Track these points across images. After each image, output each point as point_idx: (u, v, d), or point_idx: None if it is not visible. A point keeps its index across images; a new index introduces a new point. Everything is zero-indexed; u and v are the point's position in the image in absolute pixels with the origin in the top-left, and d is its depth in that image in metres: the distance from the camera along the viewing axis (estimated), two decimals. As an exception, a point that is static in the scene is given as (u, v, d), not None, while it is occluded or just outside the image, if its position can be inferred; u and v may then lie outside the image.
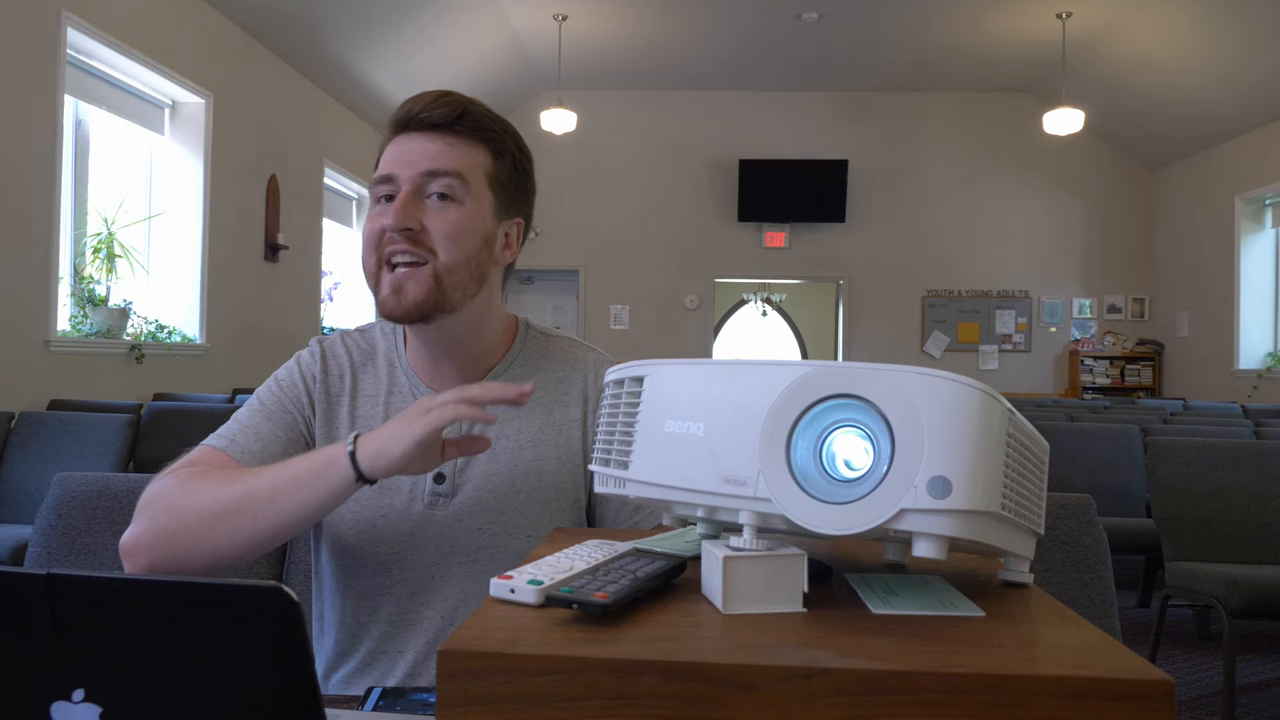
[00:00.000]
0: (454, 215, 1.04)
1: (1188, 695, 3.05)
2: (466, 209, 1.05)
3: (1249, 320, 7.83)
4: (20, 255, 4.23)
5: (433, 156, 1.04)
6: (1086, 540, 1.24)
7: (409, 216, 1.02)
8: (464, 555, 1.07)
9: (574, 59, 8.48)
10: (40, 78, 4.35)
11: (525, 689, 0.48)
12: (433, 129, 1.06)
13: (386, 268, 1.04)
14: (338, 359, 1.15)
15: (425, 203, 1.04)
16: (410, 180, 1.04)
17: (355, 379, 1.14)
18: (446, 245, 1.03)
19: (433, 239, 1.03)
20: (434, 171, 1.04)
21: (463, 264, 1.04)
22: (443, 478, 1.08)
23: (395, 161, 1.05)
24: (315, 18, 6.37)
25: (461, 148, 1.06)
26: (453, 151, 1.05)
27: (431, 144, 1.05)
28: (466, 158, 1.06)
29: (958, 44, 8.17)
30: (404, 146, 1.06)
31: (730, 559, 0.57)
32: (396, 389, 1.13)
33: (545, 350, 1.17)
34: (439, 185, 1.04)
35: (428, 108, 1.05)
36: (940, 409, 0.53)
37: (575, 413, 1.13)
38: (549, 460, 1.10)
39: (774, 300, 12.92)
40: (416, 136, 1.06)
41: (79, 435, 3.39)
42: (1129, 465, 4.08)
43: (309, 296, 7.34)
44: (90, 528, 1.28)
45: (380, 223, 1.04)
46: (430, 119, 1.05)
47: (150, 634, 0.49)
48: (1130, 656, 0.50)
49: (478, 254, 1.06)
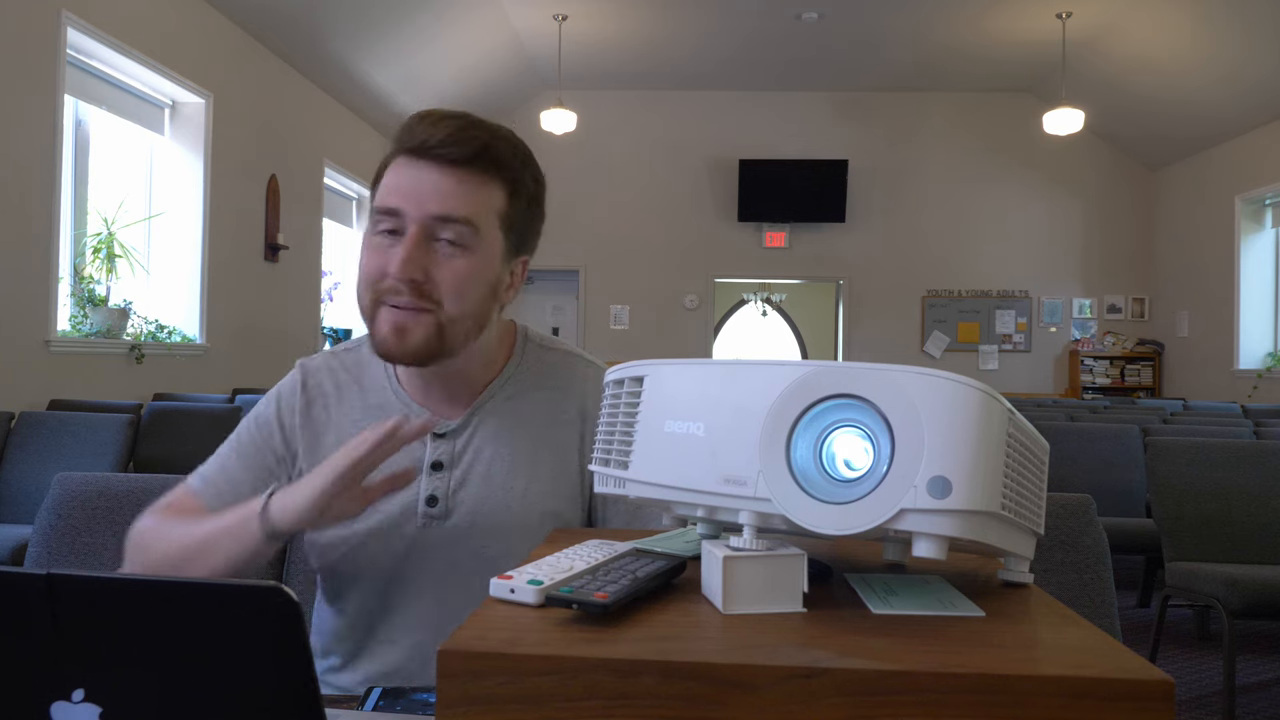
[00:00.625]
0: (463, 266, 0.98)
1: (1188, 695, 3.05)
2: (476, 258, 0.99)
3: (1249, 320, 7.83)
4: (20, 255, 4.23)
5: (444, 198, 0.96)
6: (1086, 540, 1.24)
7: (415, 267, 0.96)
8: (458, 579, 1.04)
9: (574, 59, 8.48)
10: (40, 78, 4.35)
11: (525, 689, 0.48)
12: (447, 165, 0.97)
13: (386, 305, 0.98)
14: (321, 385, 1.11)
15: (433, 247, 0.97)
16: (418, 221, 0.96)
17: (342, 403, 1.11)
18: (453, 297, 0.98)
19: (439, 289, 0.97)
20: (446, 217, 0.97)
21: (468, 315, 1.00)
22: (435, 500, 1.05)
23: (402, 195, 0.97)
24: (315, 18, 6.37)
25: (475, 186, 0.98)
26: (466, 192, 0.97)
27: (444, 181, 0.97)
28: (481, 200, 0.99)
29: (958, 44, 8.17)
30: (413, 176, 0.97)
31: (730, 559, 0.57)
32: (387, 410, 1.09)
33: (542, 365, 1.13)
34: (449, 232, 0.97)
35: (445, 142, 0.96)
36: (940, 409, 0.53)
37: (572, 433, 1.09)
38: (544, 482, 1.07)
39: (774, 300, 12.92)
40: (428, 168, 0.97)
41: (79, 435, 3.39)
42: (1129, 465, 4.08)
43: (309, 296, 7.34)
44: (90, 528, 1.28)
45: (382, 264, 0.97)
46: (446, 155, 0.97)
47: (150, 634, 0.49)
48: (1130, 656, 0.50)
49: (483, 302, 1.02)
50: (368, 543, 1.05)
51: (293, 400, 1.11)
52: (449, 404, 1.09)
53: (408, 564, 1.05)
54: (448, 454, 1.06)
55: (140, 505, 1.31)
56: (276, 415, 1.11)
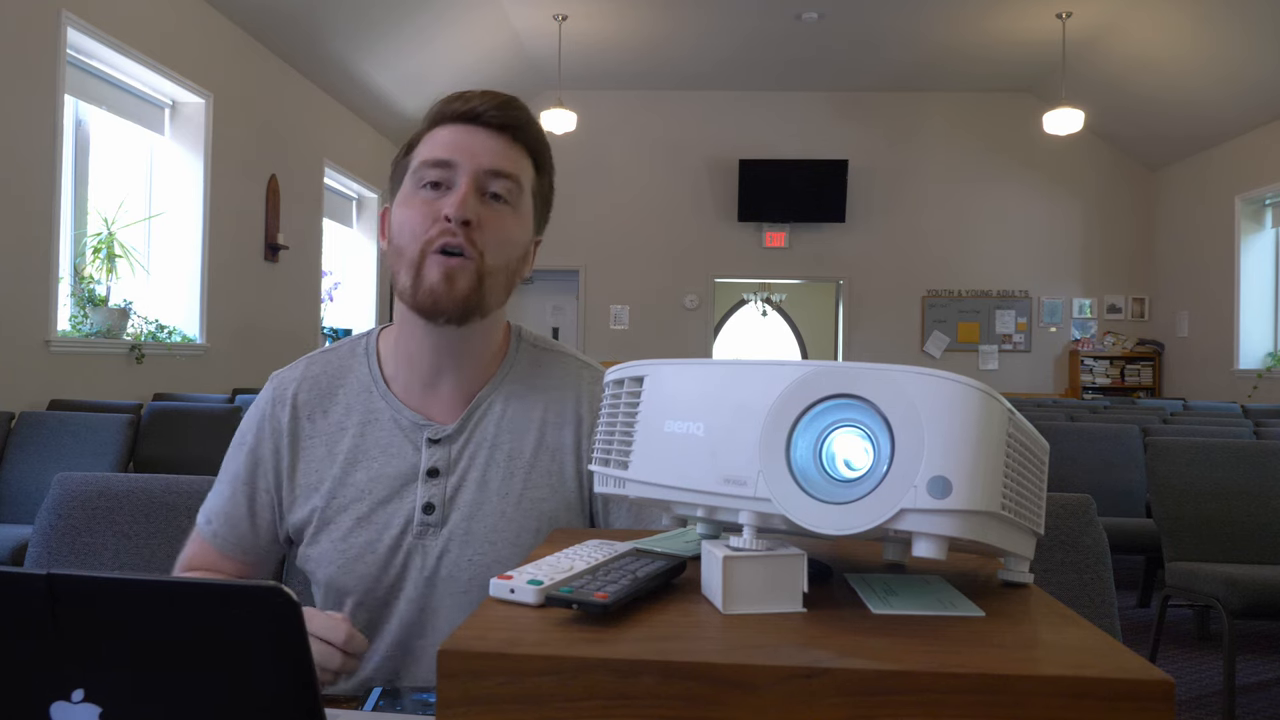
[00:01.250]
0: (508, 219, 1.03)
1: (1188, 695, 3.05)
2: (518, 216, 1.04)
3: (1249, 320, 7.83)
4: (20, 255, 4.23)
5: (496, 155, 1.02)
6: (1086, 540, 1.24)
7: (471, 208, 0.99)
8: (456, 586, 1.03)
9: (574, 59, 8.49)
10: (40, 78, 4.35)
11: (525, 689, 0.48)
12: (497, 130, 1.03)
13: (436, 253, 1.00)
14: (299, 397, 1.10)
15: (481, 200, 1.02)
16: (472, 173, 1.01)
17: (327, 414, 1.09)
18: (495, 247, 1.01)
19: (485, 237, 1.00)
20: (497, 171, 1.02)
21: (503, 269, 1.03)
22: (432, 507, 1.04)
23: (456, 149, 1.02)
24: (315, 18, 6.37)
25: (518, 154, 1.05)
26: (514, 156, 1.04)
27: (494, 142, 1.03)
28: (522, 166, 1.05)
29: (958, 44, 8.17)
30: (465, 138, 1.03)
31: (730, 559, 0.57)
32: (374, 418, 1.07)
33: (538, 366, 1.12)
34: (499, 186, 1.02)
35: (495, 107, 1.03)
36: (940, 409, 0.53)
37: (568, 436, 1.08)
38: (541, 488, 1.06)
39: (774, 300, 12.92)
40: (478, 131, 1.03)
41: (79, 435, 3.39)
42: (1129, 465, 4.08)
43: (309, 296, 7.34)
44: (90, 528, 1.28)
45: (432, 212, 1.00)
46: (496, 119, 1.03)
47: (150, 634, 0.49)
48: (1130, 656, 0.50)
49: (515, 264, 1.06)
50: (364, 555, 1.04)
51: (276, 421, 1.09)
52: (443, 408, 1.08)
53: (406, 571, 1.04)
54: (443, 460, 1.05)
55: (140, 505, 1.31)
56: (257, 439, 1.10)
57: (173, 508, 1.31)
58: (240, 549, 1.10)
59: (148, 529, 1.30)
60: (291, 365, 1.14)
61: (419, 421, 1.06)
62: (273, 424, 1.09)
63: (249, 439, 1.10)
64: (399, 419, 1.07)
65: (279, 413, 1.09)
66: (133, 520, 1.30)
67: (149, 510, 1.31)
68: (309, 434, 1.08)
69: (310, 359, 1.13)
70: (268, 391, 1.11)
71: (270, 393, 1.11)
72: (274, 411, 1.09)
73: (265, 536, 1.10)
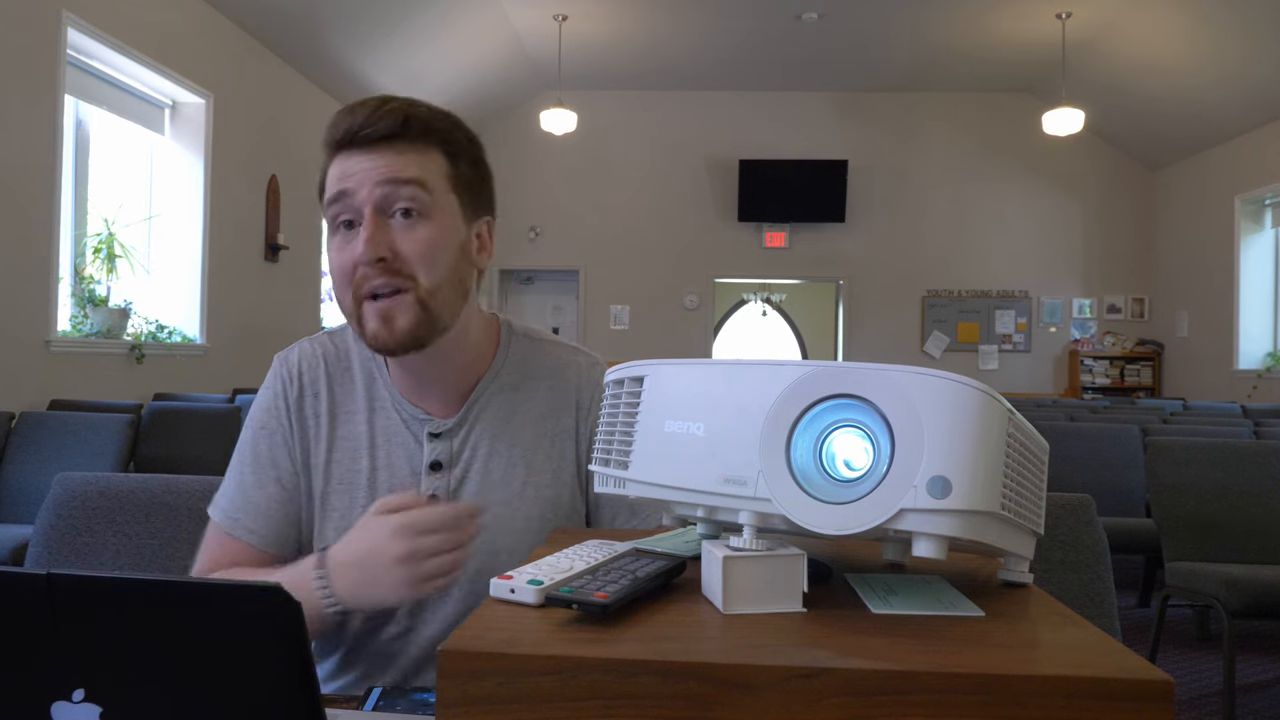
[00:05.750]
0: (425, 232, 0.97)
1: (1188, 695, 3.05)
2: (436, 222, 0.97)
3: (1249, 320, 7.83)
4: (20, 255, 4.23)
5: (388, 168, 0.96)
6: (1086, 540, 1.24)
7: (379, 244, 0.94)
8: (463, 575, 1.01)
9: (574, 59, 8.48)
10: (40, 78, 4.35)
11: (525, 689, 0.48)
12: (380, 142, 0.96)
13: (367, 300, 0.97)
14: (309, 374, 1.09)
15: (391, 224, 0.96)
16: (369, 199, 0.95)
17: (332, 396, 1.08)
18: (425, 267, 0.96)
19: (409, 263, 0.96)
20: (393, 180, 0.95)
21: (445, 281, 0.98)
22: (436, 498, 1.03)
23: (347, 178, 0.96)
24: (315, 18, 6.37)
25: (414, 155, 0.97)
26: (406, 160, 0.97)
27: (382, 157, 0.96)
28: (423, 164, 0.98)
29: (958, 44, 8.17)
30: (353, 163, 0.97)
31: (730, 559, 0.57)
32: (380, 406, 1.07)
33: (533, 355, 1.11)
34: (403, 199, 0.96)
35: (368, 121, 0.96)
36: (940, 409, 0.53)
37: (568, 422, 1.09)
38: (544, 475, 1.06)
39: (774, 300, 12.92)
40: (362, 154, 0.96)
41: (79, 435, 3.39)
42: (1129, 465, 4.08)
43: (309, 296, 7.34)
44: (90, 528, 1.28)
45: (349, 255, 0.96)
46: (374, 133, 0.96)
47: (150, 634, 0.49)
48: (1130, 656, 0.50)
49: (458, 267, 1.00)
50: None
51: (289, 392, 1.09)
52: (441, 403, 1.08)
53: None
54: (445, 454, 1.06)
55: (140, 505, 1.31)
56: (276, 415, 1.09)
57: (173, 508, 1.31)
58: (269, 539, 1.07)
59: (148, 529, 1.30)
60: (294, 346, 1.13)
61: (419, 415, 1.07)
62: (289, 400, 1.09)
63: (267, 421, 1.09)
64: (401, 410, 1.07)
65: (294, 388, 1.09)
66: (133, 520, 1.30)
67: (149, 510, 1.31)
68: (315, 412, 1.08)
69: (314, 339, 1.13)
70: (277, 372, 1.11)
71: (279, 373, 1.10)
72: (288, 385, 1.09)
73: (292, 519, 1.08)
